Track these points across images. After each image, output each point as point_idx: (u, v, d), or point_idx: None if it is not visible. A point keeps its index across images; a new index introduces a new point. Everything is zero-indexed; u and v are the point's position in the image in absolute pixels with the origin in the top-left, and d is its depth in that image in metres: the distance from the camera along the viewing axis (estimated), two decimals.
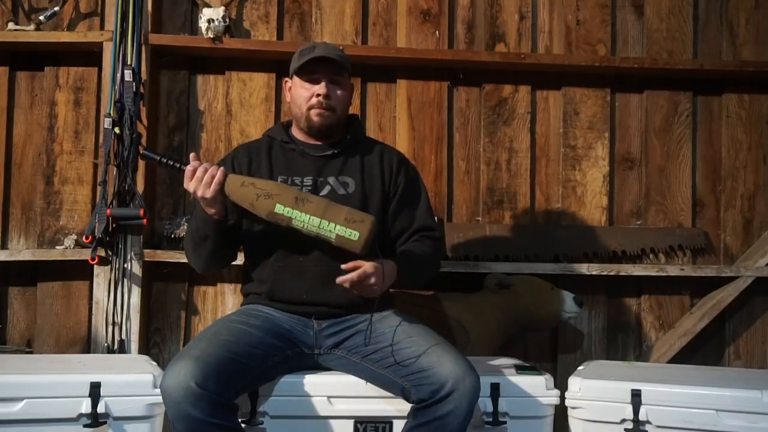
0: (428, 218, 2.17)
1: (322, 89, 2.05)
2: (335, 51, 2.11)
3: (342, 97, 2.10)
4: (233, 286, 2.76)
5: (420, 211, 2.15)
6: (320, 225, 1.86)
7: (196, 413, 1.70)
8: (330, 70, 2.07)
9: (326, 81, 2.06)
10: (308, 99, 2.07)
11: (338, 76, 2.09)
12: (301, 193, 1.92)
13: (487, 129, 2.93)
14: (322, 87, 2.05)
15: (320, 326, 2.03)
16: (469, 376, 1.80)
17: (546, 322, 2.72)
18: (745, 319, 2.99)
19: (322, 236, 1.88)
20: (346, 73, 2.12)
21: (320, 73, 2.06)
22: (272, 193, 1.88)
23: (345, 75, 2.12)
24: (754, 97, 3.01)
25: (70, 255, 2.66)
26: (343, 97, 2.11)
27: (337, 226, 1.85)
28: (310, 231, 1.87)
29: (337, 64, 2.07)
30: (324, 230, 1.86)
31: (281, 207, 1.87)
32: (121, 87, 2.58)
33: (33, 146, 2.79)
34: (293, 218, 1.87)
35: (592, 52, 2.95)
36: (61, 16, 2.75)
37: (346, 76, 2.12)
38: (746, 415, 1.99)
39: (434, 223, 2.19)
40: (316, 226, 1.86)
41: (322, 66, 2.06)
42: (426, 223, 2.15)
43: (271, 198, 1.88)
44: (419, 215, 2.14)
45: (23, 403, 1.89)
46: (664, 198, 2.97)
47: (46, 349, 2.71)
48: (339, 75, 2.09)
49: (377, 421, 2.01)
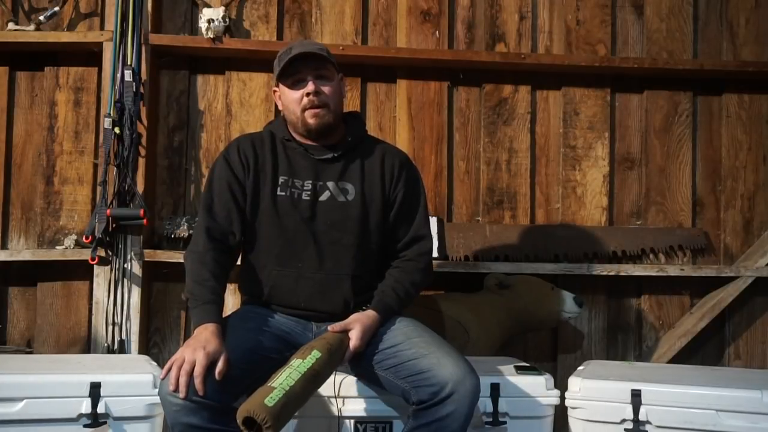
0: (422, 228, 2.13)
1: (310, 88, 1.99)
2: (314, 46, 2.06)
3: (332, 91, 2.04)
4: (233, 286, 2.75)
5: (415, 222, 2.11)
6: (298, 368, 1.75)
7: (194, 420, 1.68)
8: (313, 66, 2.01)
9: (312, 78, 2.00)
10: (299, 101, 2.01)
11: (323, 70, 2.03)
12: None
13: (487, 129, 2.93)
14: (310, 85, 2.00)
15: (319, 329, 2.01)
16: (469, 377, 1.79)
17: (546, 322, 2.72)
18: (745, 319, 2.99)
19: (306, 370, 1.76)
20: (330, 65, 2.05)
21: (304, 72, 2.01)
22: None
23: (330, 67, 2.05)
24: (754, 97, 3.01)
25: (70, 255, 2.66)
26: (333, 90, 2.04)
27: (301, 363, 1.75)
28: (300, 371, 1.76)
29: (319, 58, 2.01)
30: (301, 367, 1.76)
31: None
32: (121, 87, 2.58)
33: (33, 146, 2.79)
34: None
35: (592, 52, 2.95)
36: (61, 16, 2.75)
37: (331, 68, 2.05)
38: (746, 415, 1.99)
39: (427, 232, 2.14)
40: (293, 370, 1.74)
41: (304, 64, 2.01)
42: (419, 233, 2.11)
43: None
44: (415, 225, 2.11)
45: (23, 403, 1.90)
46: (664, 198, 2.97)
47: (46, 349, 2.71)
48: (323, 69, 2.03)
49: (377, 421, 2.01)
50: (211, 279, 1.91)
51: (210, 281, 1.91)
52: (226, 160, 2.07)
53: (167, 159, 2.82)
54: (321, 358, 1.77)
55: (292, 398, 1.67)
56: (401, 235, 2.10)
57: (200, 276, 1.92)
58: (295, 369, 1.72)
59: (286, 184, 2.04)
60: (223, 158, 2.09)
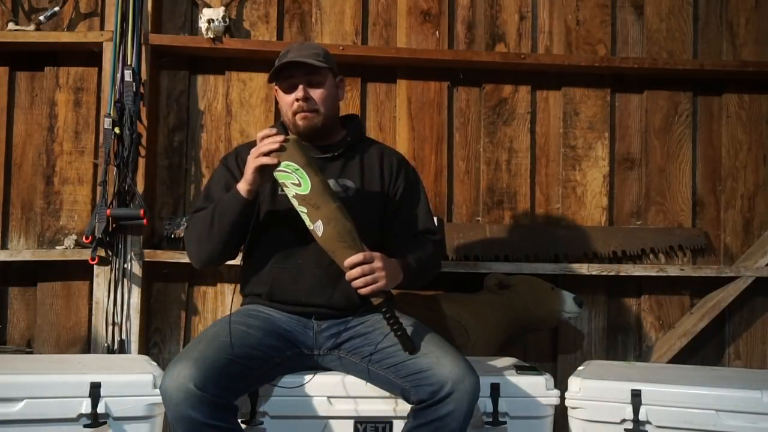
0: (428, 221, 2.16)
1: (299, 93, 2.03)
2: (310, 50, 2.08)
3: (324, 96, 2.06)
4: (233, 286, 2.76)
5: (420, 214, 2.14)
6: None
7: (195, 415, 1.69)
8: (305, 72, 2.04)
9: (303, 84, 2.04)
10: (291, 105, 2.05)
11: (315, 75, 2.05)
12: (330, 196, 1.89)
13: (487, 129, 2.93)
14: (300, 91, 2.03)
15: (320, 327, 2.02)
16: (469, 376, 1.80)
17: (546, 322, 2.72)
18: (745, 319, 2.99)
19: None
20: (324, 71, 2.07)
21: (296, 78, 2.04)
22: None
23: (323, 73, 2.07)
24: (754, 97, 3.01)
25: (70, 255, 2.66)
26: (325, 95, 2.07)
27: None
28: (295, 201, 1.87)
29: (311, 66, 2.04)
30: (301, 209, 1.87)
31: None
32: (121, 87, 2.58)
33: (33, 146, 2.79)
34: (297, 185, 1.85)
35: (592, 52, 2.95)
36: (61, 16, 2.76)
37: (325, 74, 2.07)
38: (746, 415, 1.99)
39: (434, 226, 2.19)
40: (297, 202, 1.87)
41: (297, 70, 2.04)
42: (426, 226, 2.15)
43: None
44: (419, 218, 2.14)
45: (23, 403, 1.89)
46: (664, 198, 2.97)
47: (46, 349, 2.71)
48: (316, 75, 2.05)
49: (377, 421, 2.01)
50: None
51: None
52: (224, 165, 2.15)
53: (167, 159, 2.83)
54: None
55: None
56: (405, 227, 2.11)
57: (205, 217, 2.00)
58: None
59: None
60: (221, 164, 2.17)
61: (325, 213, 1.85)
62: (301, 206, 1.87)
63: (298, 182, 1.85)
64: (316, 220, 1.85)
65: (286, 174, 1.86)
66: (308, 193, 1.85)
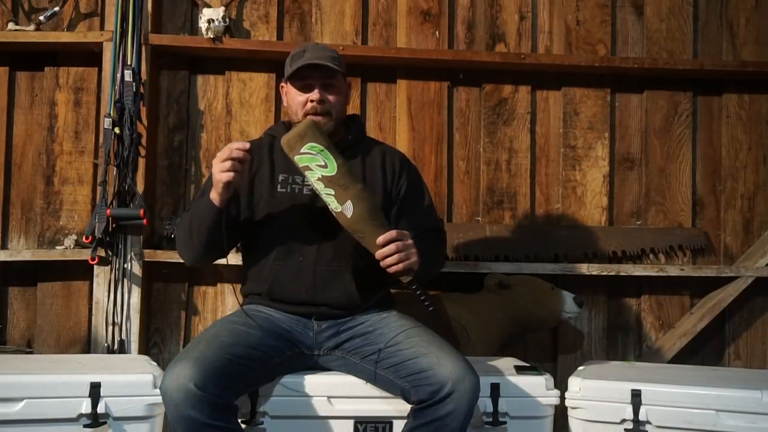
0: (433, 219, 2.18)
1: (315, 95, 2.04)
2: (326, 53, 2.09)
3: (337, 101, 2.08)
4: (233, 286, 2.76)
5: (425, 212, 2.16)
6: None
7: (195, 415, 1.69)
8: (322, 75, 2.05)
9: (319, 86, 2.05)
10: (303, 105, 2.05)
11: (331, 79, 2.07)
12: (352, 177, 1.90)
13: (487, 129, 2.93)
14: (316, 93, 2.04)
15: (320, 327, 2.03)
16: (469, 376, 1.80)
17: (546, 322, 2.72)
18: (745, 319, 2.99)
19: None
20: (339, 75, 2.09)
21: (312, 79, 2.05)
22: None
23: (338, 77, 2.09)
24: (754, 97, 3.01)
25: (70, 255, 2.66)
26: (338, 99, 2.09)
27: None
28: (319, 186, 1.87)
29: (329, 69, 2.05)
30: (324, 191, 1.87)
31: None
32: (121, 87, 2.58)
33: (33, 146, 2.79)
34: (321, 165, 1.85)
35: (592, 52, 2.95)
36: (61, 16, 2.75)
37: (339, 78, 2.10)
38: (746, 415, 1.99)
39: (438, 224, 2.20)
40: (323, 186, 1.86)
41: (314, 71, 2.04)
42: (431, 225, 2.16)
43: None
44: (424, 217, 2.15)
45: (23, 403, 1.89)
46: (664, 198, 2.97)
47: (46, 349, 2.71)
48: (332, 78, 2.07)
49: (377, 421, 2.01)
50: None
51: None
52: None
53: (167, 159, 2.82)
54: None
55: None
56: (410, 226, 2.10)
57: (185, 221, 2.03)
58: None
59: (286, 181, 2.08)
60: None
61: (354, 192, 1.85)
62: (328, 188, 1.85)
63: (324, 163, 1.84)
64: (345, 201, 1.84)
65: (311, 156, 1.85)
66: (335, 173, 1.84)
